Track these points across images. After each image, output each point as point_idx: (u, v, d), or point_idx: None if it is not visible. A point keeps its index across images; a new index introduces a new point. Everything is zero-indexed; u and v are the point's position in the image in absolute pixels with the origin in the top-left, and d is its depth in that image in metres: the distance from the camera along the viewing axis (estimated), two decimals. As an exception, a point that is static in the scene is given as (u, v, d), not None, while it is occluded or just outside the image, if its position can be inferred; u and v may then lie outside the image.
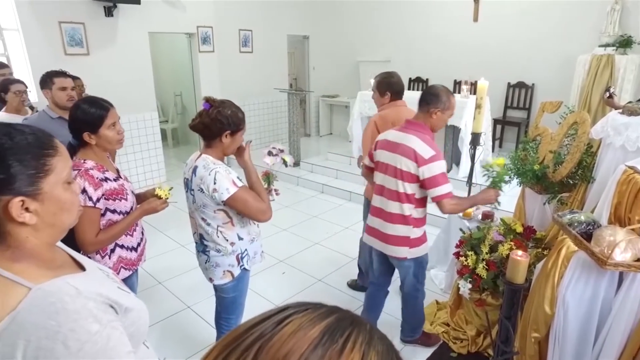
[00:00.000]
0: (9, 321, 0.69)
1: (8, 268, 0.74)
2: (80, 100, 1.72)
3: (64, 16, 4.63)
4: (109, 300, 0.81)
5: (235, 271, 1.95)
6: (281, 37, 7.16)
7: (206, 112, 1.79)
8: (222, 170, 1.76)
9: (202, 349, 2.57)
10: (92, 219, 1.64)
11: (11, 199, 0.74)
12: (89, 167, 1.66)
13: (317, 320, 0.38)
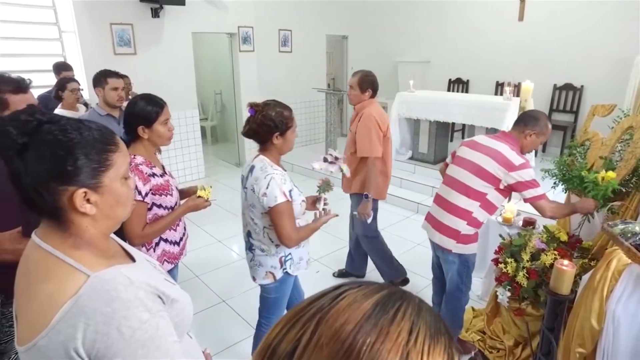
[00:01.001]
0: (71, 304, 0.73)
1: (70, 255, 0.79)
2: (137, 97, 1.80)
3: (114, 18, 4.86)
4: (157, 290, 0.84)
5: (277, 273, 1.96)
6: (320, 37, 7.18)
7: (252, 118, 1.81)
8: (278, 178, 1.77)
9: (235, 342, 2.63)
10: (140, 213, 1.70)
11: (76, 190, 0.78)
12: (138, 162, 1.73)
13: (370, 294, 0.42)
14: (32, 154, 0.76)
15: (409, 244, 4.01)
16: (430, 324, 0.40)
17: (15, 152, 0.75)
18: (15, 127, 0.75)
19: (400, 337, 0.38)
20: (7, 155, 0.76)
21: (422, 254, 3.73)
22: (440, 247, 2.28)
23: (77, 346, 0.72)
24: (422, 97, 5.35)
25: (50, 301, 0.74)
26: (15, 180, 0.78)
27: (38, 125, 0.77)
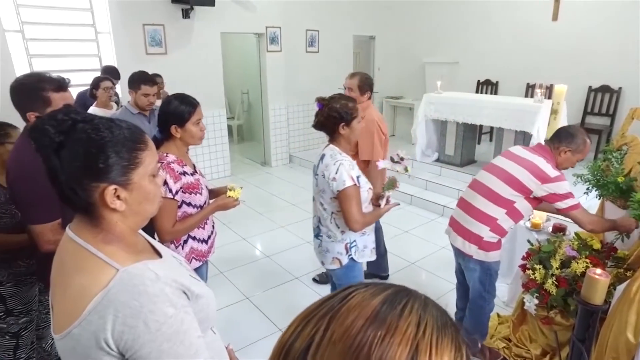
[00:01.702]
0: (102, 296, 0.76)
1: (101, 249, 0.82)
2: (172, 96, 1.85)
3: (147, 19, 4.99)
4: (182, 286, 0.86)
5: (343, 259, 2.04)
6: (347, 38, 7.17)
7: (320, 112, 1.93)
8: (347, 164, 1.88)
9: (257, 340, 2.66)
10: (170, 210, 1.75)
11: (107, 187, 0.81)
12: (170, 160, 1.78)
13: (377, 293, 0.44)
14: (67, 152, 0.79)
15: (433, 247, 3.96)
16: (437, 317, 0.42)
17: (52, 150, 0.79)
18: (53, 126, 0.79)
19: (409, 330, 0.39)
20: (45, 153, 0.79)
21: (446, 257, 3.67)
22: (462, 253, 2.24)
23: (107, 337, 0.75)
24: (450, 98, 5.27)
25: (83, 292, 0.77)
26: (52, 176, 0.81)
27: (73, 124, 0.80)
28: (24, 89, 1.57)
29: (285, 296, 3.19)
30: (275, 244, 4.03)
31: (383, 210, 2.03)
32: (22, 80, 1.58)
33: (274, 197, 5.36)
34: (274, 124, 6.45)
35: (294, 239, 4.11)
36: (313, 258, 3.68)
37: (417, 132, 5.54)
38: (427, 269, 3.58)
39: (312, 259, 3.68)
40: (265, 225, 4.46)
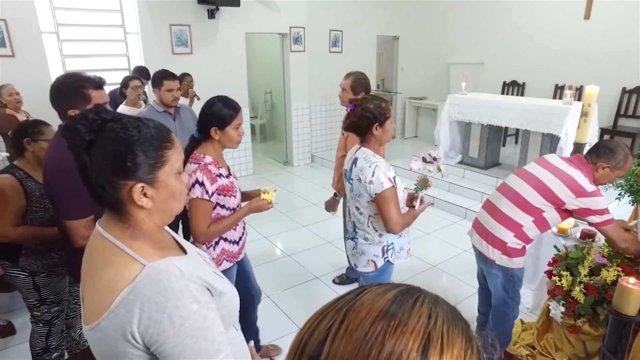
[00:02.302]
0: (129, 291, 0.78)
1: (128, 245, 0.84)
2: (215, 98, 1.85)
3: (174, 19, 5.09)
4: (206, 283, 0.87)
5: (378, 262, 2.02)
6: (371, 38, 7.14)
7: (352, 112, 1.90)
8: (382, 166, 1.85)
9: (277, 338, 2.67)
10: (206, 211, 1.78)
11: (134, 184, 0.83)
12: (207, 162, 1.79)
13: (390, 289, 0.46)
14: (97, 150, 0.81)
15: (455, 250, 3.90)
16: (447, 311, 0.44)
17: (83, 148, 0.81)
18: (84, 125, 0.81)
19: (421, 320, 0.41)
20: (77, 151, 0.82)
21: (468, 260, 3.60)
22: (484, 257, 2.18)
23: (133, 330, 0.77)
24: (475, 99, 5.18)
25: (110, 286, 0.80)
26: (83, 174, 0.84)
27: (103, 123, 0.83)
28: (65, 87, 1.63)
29: (306, 295, 3.20)
30: (296, 243, 4.05)
31: (418, 211, 1.98)
32: (63, 80, 1.65)
33: (295, 197, 5.39)
34: (296, 124, 6.48)
35: (315, 238, 4.12)
36: (334, 258, 3.71)
37: (440, 134, 5.47)
38: (449, 272, 3.53)
39: (332, 259, 3.69)
40: (287, 225, 4.48)
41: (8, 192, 1.86)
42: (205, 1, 5.11)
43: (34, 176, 1.95)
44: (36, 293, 1.98)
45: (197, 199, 1.74)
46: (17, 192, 1.87)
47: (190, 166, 1.79)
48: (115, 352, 0.79)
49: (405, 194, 2.00)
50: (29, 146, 1.94)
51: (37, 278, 1.96)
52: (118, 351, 0.79)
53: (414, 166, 2.05)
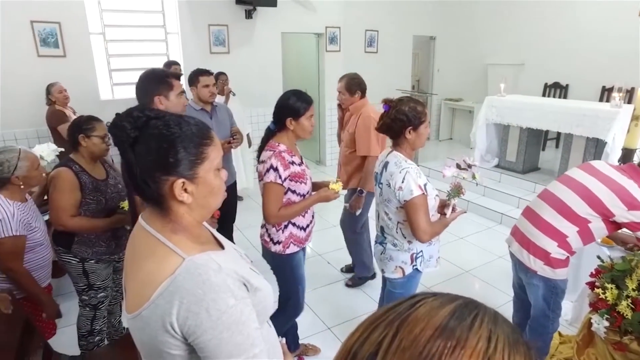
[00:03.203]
0: (169, 282, 0.81)
1: (169, 238, 0.87)
2: (289, 92, 2.00)
3: (212, 19, 5.21)
4: (242, 278, 0.89)
5: (407, 269, 1.99)
6: (407, 38, 7.05)
7: (386, 114, 1.89)
8: (413, 172, 1.82)
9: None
10: (278, 195, 1.89)
11: (175, 180, 0.85)
12: (282, 149, 1.91)
13: (446, 303, 0.43)
14: (141, 147, 0.84)
15: (489, 255, 3.80)
16: (508, 333, 0.41)
17: (129, 144, 0.84)
18: (129, 122, 0.85)
19: (480, 344, 0.38)
20: (122, 147, 0.85)
21: (503, 267, 3.51)
22: (524, 267, 2.08)
23: (172, 321, 0.79)
24: (514, 101, 5.02)
25: (152, 278, 0.83)
26: (128, 169, 0.87)
27: (147, 120, 0.86)
28: (154, 76, 1.89)
29: (335, 295, 3.20)
30: (326, 242, 4.05)
31: (450, 219, 1.93)
32: (151, 71, 1.92)
33: (326, 196, 5.38)
34: (330, 124, 6.48)
35: (345, 238, 4.10)
36: (364, 260, 3.68)
37: (476, 136, 5.34)
38: (482, 278, 3.45)
39: (363, 260, 3.67)
40: (318, 224, 4.43)
41: (67, 184, 1.98)
42: (243, 1, 5.20)
43: (87, 170, 2.07)
44: (85, 278, 2.12)
45: (270, 183, 1.87)
46: (74, 185, 1.99)
47: (266, 153, 1.93)
48: (155, 341, 0.82)
49: (436, 201, 1.95)
50: (82, 142, 2.04)
51: (86, 264, 2.10)
52: (158, 340, 0.82)
53: (447, 173, 1.97)
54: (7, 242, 1.81)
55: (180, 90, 1.93)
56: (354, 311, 2.99)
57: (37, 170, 1.96)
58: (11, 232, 1.81)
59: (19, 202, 1.91)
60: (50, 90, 4.01)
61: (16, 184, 1.87)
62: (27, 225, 1.90)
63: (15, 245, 1.84)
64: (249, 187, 5.08)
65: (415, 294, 0.46)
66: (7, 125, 4.38)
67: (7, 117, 4.37)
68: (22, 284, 1.90)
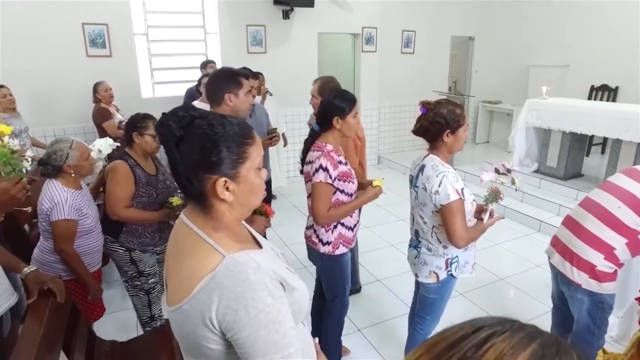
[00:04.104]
0: (209, 278, 0.83)
1: (210, 235, 0.89)
2: (334, 91, 2.04)
3: (250, 20, 5.30)
4: (280, 277, 0.90)
5: (441, 274, 1.95)
6: (444, 38, 6.92)
7: (424, 116, 1.85)
8: (450, 176, 1.78)
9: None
10: (327, 195, 1.90)
11: (218, 178, 0.87)
12: (329, 149, 1.93)
13: (520, 349, 0.37)
14: (186, 145, 0.86)
15: (526, 264, 3.67)
16: None
17: (174, 143, 0.87)
18: (175, 121, 0.87)
19: None
20: (168, 145, 0.88)
21: (540, 277, 3.39)
22: (567, 280, 1.96)
23: (212, 316, 0.81)
24: (557, 104, 4.83)
25: (193, 273, 0.85)
26: (173, 167, 0.90)
27: (191, 120, 0.87)
28: (225, 74, 1.97)
29: (366, 297, 3.18)
30: (359, 244, 4.03)
31: (487, 225, 1.87)
32: (221, 70, 2.02)
33: (358, 198, 5.37)
34: (364, 125, 6.37)
35: (378, 240, 4.08)
36: (396, 262, 3.64)
37: (515, 140, 5.17)
38: (518, 287, 3.33)
39: (395, 263, 3.63)
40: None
41: (123, 176, 2.12)
42: (281, 2, 5.26)
43: (141, 164, 2.19)
44: (134, 266, 2.25)
45: (320, 183, 1.87)
46: (129, 177, 2.12)
47: (314, 153, 1.94)
48: (195, 334, 0.85)
49: (473, 206, 1.89)
50: (136, 139, 2.17)
51: (133, 254, 2.23)
52: (197, 334, 0.84)
53: (485, 178, 1.90)
54: (61, 225, 1.95)
55: (249, 89, 2.00)
56: (384, 314, 2.97)
57: (87, 160, 2.06)
58: (64, 216, 1.93)
59: (73, 189, 2.03)
60: (97, 88, 4.19)
61: (67, 172, 1.99)
62: (79, 211, 2.01)
63: (67, 228, 1.96)
64: (282, 185, 5.13)
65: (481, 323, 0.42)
66: (57, 121, 4.63)
67: (58, 114, 4.62)
68: (71, 265, 2.02)
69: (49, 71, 4.48)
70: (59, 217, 1.93)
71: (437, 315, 2.11)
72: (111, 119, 4.17)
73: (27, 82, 4.34)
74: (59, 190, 1.96)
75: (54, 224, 1.95)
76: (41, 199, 1.98)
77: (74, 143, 2.01)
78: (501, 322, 0.41)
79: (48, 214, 1.95)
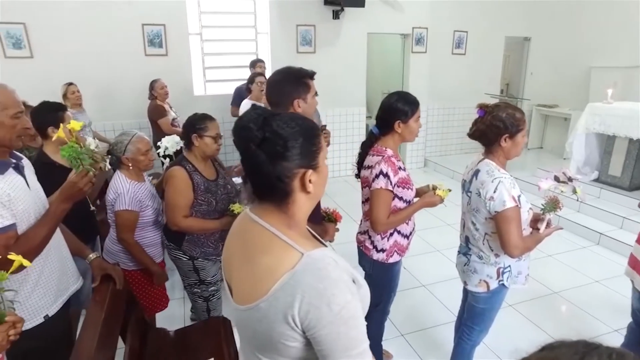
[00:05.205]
0: (289, 276, 0.83)
1: (285, 233, 0.89)
2: (395, 94, 1.92)
3: (300, 20, 5.35)
4: (352, 275, 0.90)
5: (492, 284, 1.88)
6: (498, 39, 6.68)
7: (481, 119, 1.78)
8: (507, 182, 1.71)
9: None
10: (387, 201, 1.85)
11: (306, 171, 0.88)
12: (390, 154, 1.88)
13: None
14: (271, 145, 0.86)
15: (583, 278, 3.45)
16: None
17: (256, 144, 0.87)
18: (253, 122, 0.87)
19: None
20: (249, 148, 0.87)
21: (599, 293, 3.20)
22: None
23: (294, 314, 0.81)
24: (623, 109, 4.50)
25: (270, 272, 0.85)
26: (255, 170, 0.89)
27: (266, 120, 0.88)
28: (291, 78, 1.73)
29: (411, 302, 3.12)
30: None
31: (543, 235, 1.77)
32: (285, 72, 1.75)
33: (403, 201, 5.28)
34: (414, 127, 6.34)
35: (423, 245, 3.99)
36: (442, 268, 3.55)
37: (573, 146, 4.89)
38: (574, 302, 3.13)
39: (440, 268, 3.55)
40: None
41: (181, 183, 2.01)
42: (331, 2, 5.27)
43: (199, 169, 2.08)
44: (196, 274, 2.20)
45: (381, 189, 1.83)
46: (187, 185, 2.02)
47: (373, 158, 1.89)
48: (273, 332, 0.85)
49: (529, 215, 1.79)
50: (195, 141, 2.05)
51: (196, 262, 2.18)
52: (276, 332, 0.84)
53: (543, 186, 1.81)
54: (122, 215, 2.02)
55: (315, 91, 1.80)
56: (428, 320, 2.90)
57: (145, 156, 2.08)
58: (125, 207, 2.01)
59: (136, 181, 2.08)
60: (153, 86, 4.38)
61: (126, 164, 2.05)
62: (139, 203, 2.06)
63: (127, 218, 2.04)
64: (325, 185, 5.14)
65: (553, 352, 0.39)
66: (115, 116, 4.89)
67: (116, 110, 4.88)
68: (133, 253, 2.09)
69: (110, 69, 4.74)
70: (121, 208, 2.00)
71: (486, 325, 2.03)
72: (166, 116, 4.34)
73: (91, 79, 4.60)
74: (122, 182, 2.04)
75: (116, 213, 2.03)
76: (108, 189, 2.06)
77: (134, 137, 2.06)
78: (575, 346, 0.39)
79: (112, 204, 2.03)
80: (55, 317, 1.53)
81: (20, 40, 4.38)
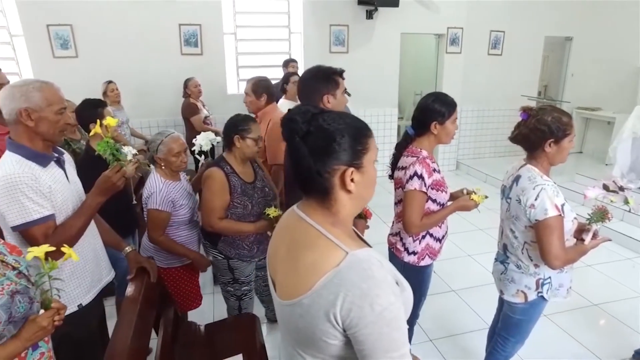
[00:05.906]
0: (333, 275, 0.83)
1: (329, 231, 0.89)
2: (432, 95, 1.91)
3: (333, 20, 5.35)
4: (395, 277, 0.89)
5: (530, 295, 1.81)
6: (537, 39, 6.45)
7: (524, 123, 1.72)
8: (550, 190, 1.63)
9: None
10: (421, 203, 1.83)
11: (347, 169, 0.88)
12: (425, 155, 1.86)
13: None
14: (315, 139, 0.87)
15: (627, 291, 3.28)
16: None
17: (301, 137, 0.88)
18: (300, 116, 0.89)
19: None
20: (294, 139, 0.89)
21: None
22: None
23: (336, 312, 0.81)
24: (673, 113, 4.27)
25: (314, 268, 0.85)
26: (298, 163, 0.90)
27: (313, 115, 0.89)
28: (322, 74, 1.81)
29: (440, 307, 3.05)
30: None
31: (589, 247, 1.69)
32: (316, 70, 1.83)
33: (434, 203, 5.18)
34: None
35: (454, 249, 3.90)
36: (472, 273, 3.47)
37: (618, 151, 4.67)
38: (616, 316, 2.97)
39: (471, 273, 3.48)
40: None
41: (218, 185, 2.01)
42: (365, 2, 5.23)
43: (237, 171, 2.07)
44: (230, 273, 2.24)
45: (414, 191, 1.81)
46: (224, 186, 2.01)
47: (408, 159, 1.87)
48: (314, 328, 0.85)
49: (574, 225, 1.71)
50: (237, 142, 2.04)
51: (231, 261, 2.20)
52: (317, 328, 0.85)
53: (590, 194, 1.72)
54: (152, 214, 2.02)
55: (345, 89, 1.87)
56: (458, 326, 2.83)
57: (176, 157, 2.03)
58: (156, 206, 2.00)
59: (170, 180, 2.07)
60: (187, 84, 4.48)
61: (158, 162, 2.06)
62: (171, 203, 2.04)
63: (157, 217, 2.03)
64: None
65: None
66: (151, 114, 5.04)
67: (152, 107, 5.03)
68: (166, 249, 2.10)
69: (148, 68, 4.89)
70: (152, 206, 2.00)
71: (522, 337, 1.96)
72: (198, 114, 4.43)
73: (129, 77, 4.75)
74: (156, 181, 2.03)
75: (148, 211, 2.03)
76: (144, 187, 2.09)
77: (167, 137, 2.02)
78: None
79: (146, 202, 2.04)
80: (88, 307, 1.60)
81: (67, 41, 4.60)
